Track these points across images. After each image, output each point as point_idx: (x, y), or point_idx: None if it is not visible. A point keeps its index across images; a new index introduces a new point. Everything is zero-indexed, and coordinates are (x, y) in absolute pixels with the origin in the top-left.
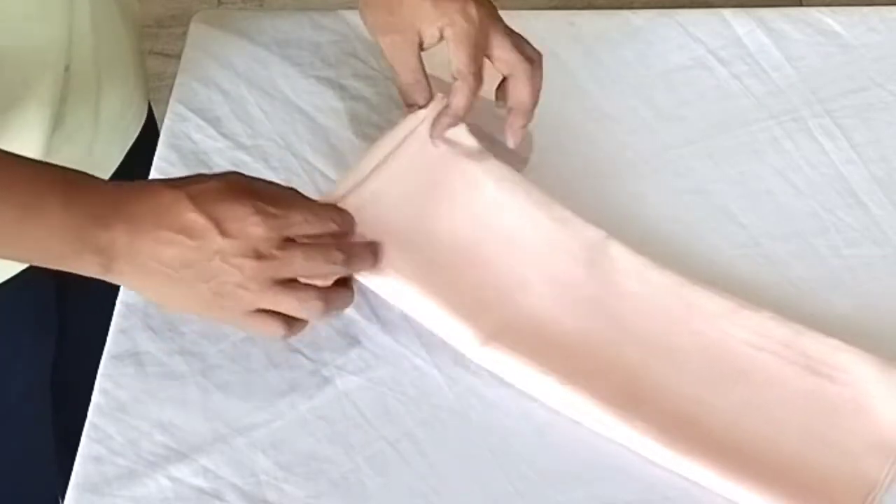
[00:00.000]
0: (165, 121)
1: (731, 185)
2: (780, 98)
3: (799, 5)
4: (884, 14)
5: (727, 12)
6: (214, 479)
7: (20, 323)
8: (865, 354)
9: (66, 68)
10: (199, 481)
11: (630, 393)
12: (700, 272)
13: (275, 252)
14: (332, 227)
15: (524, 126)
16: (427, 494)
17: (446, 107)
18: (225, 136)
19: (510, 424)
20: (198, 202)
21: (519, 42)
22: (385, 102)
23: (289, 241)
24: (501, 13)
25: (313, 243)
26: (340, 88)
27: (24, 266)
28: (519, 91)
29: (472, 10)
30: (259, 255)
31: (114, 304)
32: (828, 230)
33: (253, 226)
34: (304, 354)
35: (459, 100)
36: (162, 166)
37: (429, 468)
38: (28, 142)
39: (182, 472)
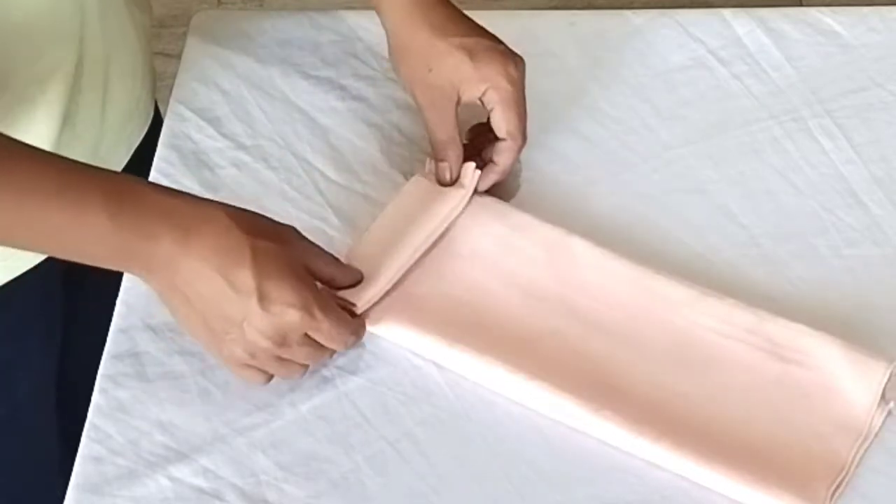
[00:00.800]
0: (165, 121)
1: (731, 185)
2: (780, 98)
3: (799, 5)
4: (884, 14)
5: (727, 12)
6: (214, 479)
7: (26, 324)
8: (828, 337)
9: (77, 66)
10: (199, 481)
11: (598, 384)
12: (700, 272)
13: (293, 342)
14: (344, 347)
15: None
16: (427, 494)
17: (492, 163)
18: (225, 136)
19: (510, 424)
20: (257, 263)
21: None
22: (385, 102)
23: (306, 336)
24: (501, 13)
25: (317, 344)
26: (340, 88)
27: (29, 266)
28: (506, 158)
29: (513, 71)
30: (278, 340)
31: None
32: (828, 230)
33: (291, 317)
34: None
35: (509, 159)
36: (162, 166)
37: (429, 468)
38: (37, 139)
39: (182, 472)
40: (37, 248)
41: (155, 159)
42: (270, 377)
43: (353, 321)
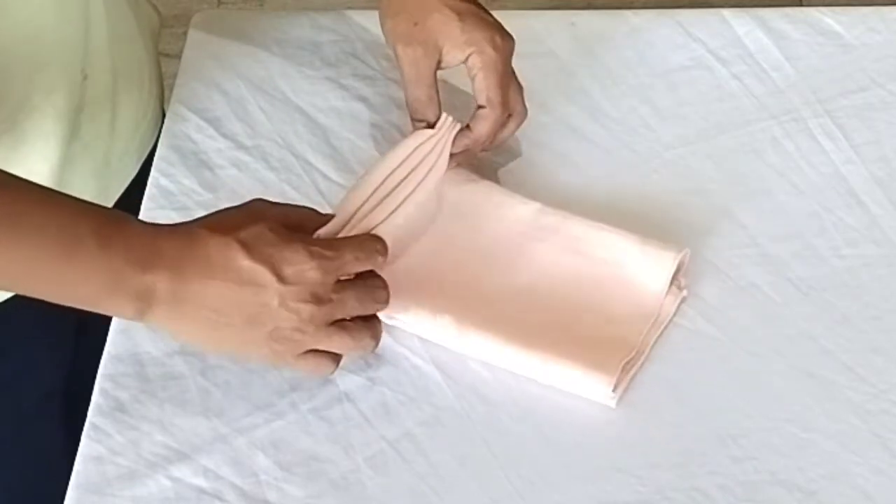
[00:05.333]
0: (165, 121)
1: (731, 185)
2: (780, 98)
3: (799, 5)
4: (884, 14)
5: (727, 12)
6: (215, 479)
7: (38, 331)
8: (625, 233)
9: (85, 77)
10: (200, 481)
11: (417, 279)
12: (699, 272)
13: (331, 295)
14: (379, 259)
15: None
16: (427, 494)
17: (467, 128)
18: (225, 136)
19: (510, 424)
20: (250, 249)
21: (519, 91)
22: (385, 102)
23: (340, 282)
24: (502, 13)
25: (361, 283)
26: (340, 88)
27: None
28: (481, 126)
29: (499, 40)
30: (316, 299)
31: None
32: (828, 230)
33: (311, 270)
34: None
35: (484, 126)
36: (162, 166)
37: (429, 468)
38: (44, 151)
39: (182, 472)
40: (25, 288)
41: (155, 159)
42: (337, 361)
43: (366, 238)
